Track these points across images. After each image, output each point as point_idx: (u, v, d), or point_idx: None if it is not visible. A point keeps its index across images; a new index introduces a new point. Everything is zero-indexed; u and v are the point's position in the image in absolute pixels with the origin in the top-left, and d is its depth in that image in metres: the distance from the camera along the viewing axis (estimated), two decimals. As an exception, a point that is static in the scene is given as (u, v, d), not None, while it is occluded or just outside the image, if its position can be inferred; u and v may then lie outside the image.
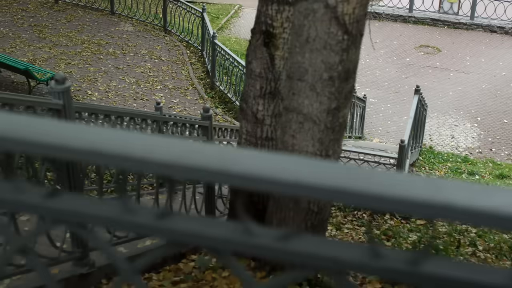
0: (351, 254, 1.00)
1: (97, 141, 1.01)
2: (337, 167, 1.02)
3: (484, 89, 20.94)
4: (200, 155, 1.01)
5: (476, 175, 15.80)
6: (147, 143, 1.02)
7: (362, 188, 0.95)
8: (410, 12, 24.98)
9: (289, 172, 0.97)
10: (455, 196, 0.93)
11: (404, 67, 22.23)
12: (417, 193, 0.93)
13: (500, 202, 0.93)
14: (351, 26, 4.23)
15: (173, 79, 15.59)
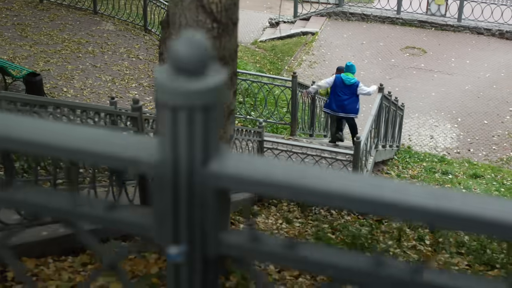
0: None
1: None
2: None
3: (467, 91, 21.02)
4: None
5: (450, 175, 15.91)
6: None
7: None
8: (398, 14, 25.09)
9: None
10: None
11: (388, 68, 22.35)
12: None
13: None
14: (220, 14, 4.38)
15: (148, 77, 15.80)
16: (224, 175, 1.17)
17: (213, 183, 1.17)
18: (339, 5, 25.57)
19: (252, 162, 1.19)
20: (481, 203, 1.12)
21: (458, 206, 1.11)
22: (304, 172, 1.16)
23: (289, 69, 22.06)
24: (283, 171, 1.16)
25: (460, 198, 1.13)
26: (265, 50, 23.88)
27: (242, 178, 1.16)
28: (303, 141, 13.47)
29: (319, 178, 1.15)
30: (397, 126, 16.95)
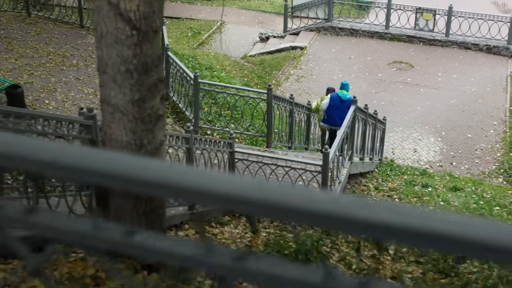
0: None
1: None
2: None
3: (452, 105, 21.13)
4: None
5: (429, 188, 15.97)
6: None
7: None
8: (387, 29, 25.27)
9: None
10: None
11: (375, 82, 22.49)
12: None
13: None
14: (139, 22, 4.52)
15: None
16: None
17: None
18: (328, 20, 25.77)
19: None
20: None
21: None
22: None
23: (276, 83, 22.23)
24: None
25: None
26: (254, 64, 24.07)
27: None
28: (279, 153, 13.58)
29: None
30: (378, 139, 17.05)
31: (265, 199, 1.19)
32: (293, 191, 1.21)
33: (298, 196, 1.19)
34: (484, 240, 1.09)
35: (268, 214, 1.23)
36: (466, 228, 1.11)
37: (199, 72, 17.86)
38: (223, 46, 26.39)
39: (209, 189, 1.21)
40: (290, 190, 1.21)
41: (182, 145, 9.87)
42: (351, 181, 14.75)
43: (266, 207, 1.20)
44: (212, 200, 1.23)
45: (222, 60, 24.27)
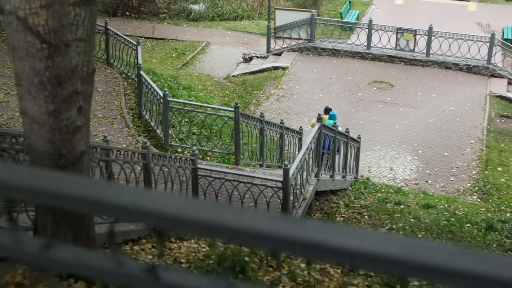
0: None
1: None
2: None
3: (430, 123, 21.30)
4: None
5: (402, 205, 16.08)
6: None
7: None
8: (368, 49, 25.54)
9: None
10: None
11: (355, 102, 22.69)
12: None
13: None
14: (48, 36, 4.67)
15: (104, 108, 16.13)
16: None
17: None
18: (310, 41, 26.05)
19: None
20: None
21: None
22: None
23: (256, 103, 22.43)
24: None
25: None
26: (236, 84, 24.28)
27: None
28: (247, 170, 13.72)
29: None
30: (353, 157, 17.19)
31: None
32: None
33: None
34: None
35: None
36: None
37: (176, 92, 18.12)
38: (207, 66, 26.66)
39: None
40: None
41: (138, 161, 10.01)
42: (321, 198, 14.87)
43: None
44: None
45: (205, 80, 24.49)
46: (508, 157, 19.59)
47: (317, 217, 13.35)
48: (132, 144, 14.59)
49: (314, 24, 25.89)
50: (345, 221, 13.75)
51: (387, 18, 31.70)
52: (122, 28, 30.69)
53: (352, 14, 32.28)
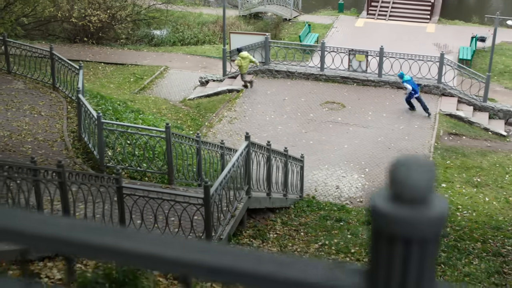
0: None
1: None
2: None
3: (379, 142, 21.60)
4: None
5: (342, 222, 16.29)
6: None
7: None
8: (322, 70, 25.91)
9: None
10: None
11: (306, 122, 22.97)
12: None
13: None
14: None
15: (45, 132, 16.27)
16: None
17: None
18: (265, 63, 26.39)
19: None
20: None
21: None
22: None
23: (209, 125, 22.66)
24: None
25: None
26: (191, 107, 24.52)
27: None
28: (180, 189, 13.88)
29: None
30: (295, 176, 17.40)
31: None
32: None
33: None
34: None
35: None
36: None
37: (121, 115, 18.31)
38: (164, 90, 26.91)
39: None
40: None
41: (52, 179, 10.14)
42: (257, 216, 15.04)
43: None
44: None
45: (160, 104, 24.71)
46: (453, 173, 19.91)
47: (248, 234, 13.51)
48: (69, 166, 14.70)
49: (268, 47, 26.26)
50: (277, 238, 13.92)
51: (347, 41, 32.22)
52: (83, 54, 30.98)
53: (311, 37, 32.78)
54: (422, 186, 1.07)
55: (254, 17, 38.51)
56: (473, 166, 20.37)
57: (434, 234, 1.08)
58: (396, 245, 1.08)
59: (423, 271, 1.09)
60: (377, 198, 1.11)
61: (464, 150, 21.51)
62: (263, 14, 39.04)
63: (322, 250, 13.88)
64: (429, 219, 1.07)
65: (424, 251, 1.08)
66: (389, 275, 1.10)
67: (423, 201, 1.07)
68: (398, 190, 1.07)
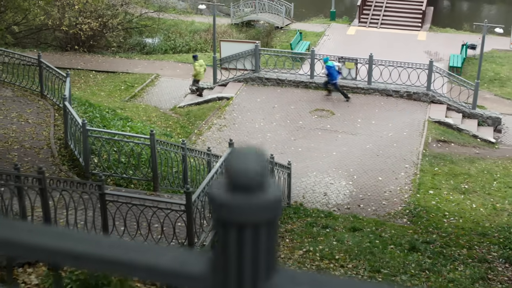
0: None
1: None
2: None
3: (368, 149, 21.67)
4: None
5: (328, 228, 16.33)
6: None
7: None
8: (312, 78, 26.00)
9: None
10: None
11: (295, 130, 23.04)
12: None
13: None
14: None
15: (32, 139, 16.31)
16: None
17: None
18: (255, 71, 26.48)
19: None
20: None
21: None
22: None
23: (198, 133, 22.72)
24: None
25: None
26: (181, 115, 24.59)
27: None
28: (164, 196, 13.92)
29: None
30: (282, 183, 17.45)
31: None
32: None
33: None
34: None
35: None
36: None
37: (109, 123, 18.35)
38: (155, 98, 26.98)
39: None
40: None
41: (33, 185, 10.17)
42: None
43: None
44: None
45: (151, 111, 24.78)
46: (441, 180, 19.97)
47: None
48: (55, 173, 14.74)
49: (258, 55, 26.35)
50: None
51: (338, 48, 32.37)
52: (74, 62, 31.06)
53: (302, 44, 32.91)
54: (253, 174, 1.12)
55: (246, 25, 38.67)
56: (461, 173, 20.44)
57: (267, 219, 1.14)
58: (231, 230, 1.13)
59: (259, 255, 1.14)
60: (214, 187, 1.14)
61: (453, 157, 21.58)
62: (255, 22, 39.20)
63: (306, 256, 13.93)
64: (261, 204, 1.12)
65: (258, 235, 1.14)
66: (228, 260, 1.15)
67: (256, 188, 1.13)
68: (232, 178, 1.13)
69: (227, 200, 1.13)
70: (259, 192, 1.14)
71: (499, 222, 17.49)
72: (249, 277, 1.16)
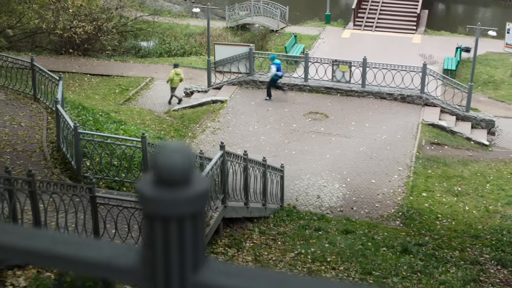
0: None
1: None
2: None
3: (361, 152, 21.70)
4: None
5: (321, 231, 16.35)
6: None
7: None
8: (306, 81, 26.06)
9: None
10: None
11: (289, 132, 23.08)
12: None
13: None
14: None
15: (25, 142, 16.32)
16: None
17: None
18: (249, 74, 26.53)
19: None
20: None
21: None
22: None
23: (192, 136, 22.74)
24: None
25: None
26: (175, 118, 24.62)
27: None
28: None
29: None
30: (275, 186, 17.47)
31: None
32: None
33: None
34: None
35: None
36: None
37: (102, 126, 18.37)
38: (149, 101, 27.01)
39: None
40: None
41: (22, 188, 10.18)
42: (235, 225, 15.11)
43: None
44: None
45: (145, 115, 24.80)
46: (434, 182, 20.01)
47: (224, 243, 13.56)
48: (47, 176, 14.75)
49: (252, 58, 26.40)
50: (253, 247, 13.98)
51: (333, 51, 32.46)
52: (69, 66, 31.07)
53: (297, 48, 32.97)
54: (179, 169, 1.15)
55: (241, 28, 38.75)
56: (454, 175, 20.49)
57: (191, 212, 1.16)
58: (157, 224, 1.16)
59: (185, 247, 1.17)
60: (142, 182, 1.18)
61: (446, 159, 21.63)
62: (251, 26, 39.27)
63: (297, 258, 13.94)
64: (185, 198, 1.15)
65: (183, 228, 1.16)
66: (155, 253, 1.18)
67: (180, 183, 1.15)
68: (158, 173, 1.15)
69: (152, 194, 1.15)
70: (184, 186, 1.16)
71: (492, 224, 17.53)
72: (176, 269, 1.18)
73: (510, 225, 17.46)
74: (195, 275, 1.19)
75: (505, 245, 15.99)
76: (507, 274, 14.75)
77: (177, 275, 1.18)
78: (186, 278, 1.18)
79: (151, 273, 1.20)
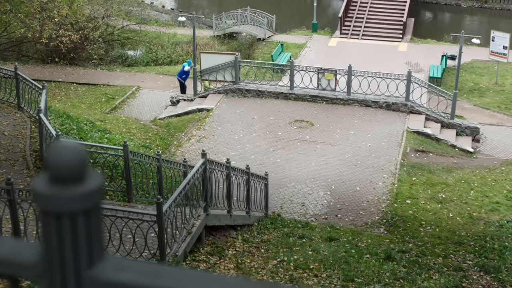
0: None
1: None
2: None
3: (346, 160, 21.78)
4: None
5: (305, 238, 16.37)
6: None
7: None
8: (291, 89, 26.14)
9: None
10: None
11: (274, 140, 23.13)
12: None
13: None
14: None
15: (8, 151, 16.29)
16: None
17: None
18: (235, 83, 26.59)
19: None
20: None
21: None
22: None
23: (177, 144, 22.75)
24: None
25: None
26: (160, 127, 24.62)
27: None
28: (138, 207, 13.93)
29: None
30: (259, 194, 17.50)
31: None
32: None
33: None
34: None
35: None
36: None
37: (86, 134, 18.36)
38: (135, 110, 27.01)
39: None
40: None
41: (1, 196, 10.16)
42: (218, 233, 15.10)
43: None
44: None
45: (131, 123, 24.78)
46: (418, 189, 20.10)
47: (206, 251, 13.55)
48: (30, 185, 14.70)
49: (238, 67, 26.46)
50: (235, 255, 13.97)
51: (320, 60, 32.58)
52: (55, 75, 31.04)
53: (283, 56, 33.08)
54: (70, 166, 1.18)
55: (228, 37, 38.84)
56: (439, 182, 20.58)
57: (84, 208, 1.20)
58: (51, 220, 1.19)
59: (79, 243, 1.20)
60: (38, 181, 1.20)
61: (430, 166, 21.73)
62: (238, 34, 39.36)
63: (280, 266, 13.95)
64: (77, 195, 1.18)
65: (76, 224, 1.20)
66: (50, 248, 1.21)
67: (73, 180, 1.19)
68: (51, 171, 1.19)
69: (45, 191, 1.19)
70: (76, 183, 1.19)
71: (475, 231, 17.61)
72: (71, 264, 1.21)
73: (493, 231, 17.55)
74: (90, 270, 1.22)
75: (488, 251, 16.06)
76: (490, 280, 14.80)
77: (72, 270, 1.21)
78: (81, 273, 1.21)
79: (47, 268, 1.23)
